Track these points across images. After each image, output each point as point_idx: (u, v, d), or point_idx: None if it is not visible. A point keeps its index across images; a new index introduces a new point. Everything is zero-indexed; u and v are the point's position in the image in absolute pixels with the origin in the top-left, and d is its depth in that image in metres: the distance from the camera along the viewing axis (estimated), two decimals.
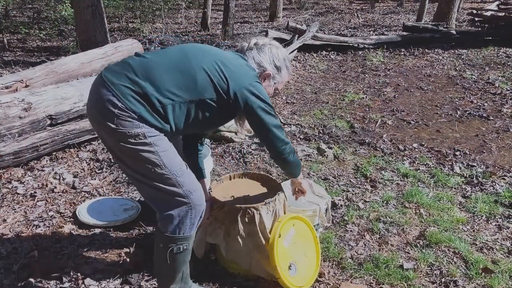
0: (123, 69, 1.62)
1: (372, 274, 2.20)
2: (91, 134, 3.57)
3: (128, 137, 1.56)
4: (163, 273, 1.88)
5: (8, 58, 7.00)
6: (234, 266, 2.14)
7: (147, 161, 1.60)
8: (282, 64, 1.87)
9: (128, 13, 11.22)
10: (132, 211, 2.68)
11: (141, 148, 1.58)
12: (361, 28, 10.33)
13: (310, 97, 5.24)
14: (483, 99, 5.11)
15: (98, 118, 1.61)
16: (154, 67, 1.62)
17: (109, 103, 1.55)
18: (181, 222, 1.72)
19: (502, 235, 2.57)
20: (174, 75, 1.62)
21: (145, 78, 1.59)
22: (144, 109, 1.57)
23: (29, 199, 2.85)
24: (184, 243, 1.77)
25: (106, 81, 1.59)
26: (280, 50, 1.89)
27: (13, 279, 2.10)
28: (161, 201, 1.70)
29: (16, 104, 3.13)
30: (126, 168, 1.68)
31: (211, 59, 1.69)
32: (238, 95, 1.68)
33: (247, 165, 3.41)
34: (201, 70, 1.65)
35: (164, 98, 1.59)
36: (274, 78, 1.87)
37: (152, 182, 1.65)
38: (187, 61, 1.66)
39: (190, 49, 1.73)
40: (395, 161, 3.54)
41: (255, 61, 1.82)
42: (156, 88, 1.59)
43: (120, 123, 1.55)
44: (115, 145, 1.63)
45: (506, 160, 3.59)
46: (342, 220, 2.68)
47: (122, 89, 1.57)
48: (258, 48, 1.84)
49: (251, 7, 15.21)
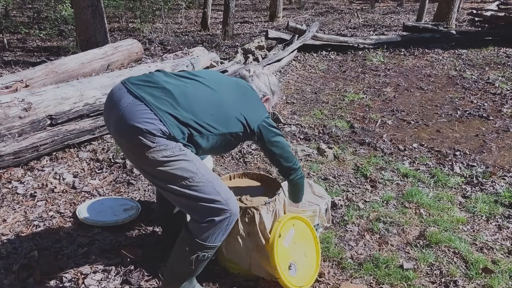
0: (164, 94, 1.68)
1: (372, 274, 2.20)
2: (91, 134, 3.58)
3: (164, 151, 1.61)
4: (177, 273, 1.88)
5: (8, 58, 7.01)
6: (234, 266, 2.14)
7: (184, 170, 1.64)
8: (276, 89, 2.13)
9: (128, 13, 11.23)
10: (132, 211, 2.68)
11: (177, 159, 1.63)
12: (361, 28, 10.34)
13: (310, 97, 5.24)
14: (483, 99, 5.11)
15: (132, 135, 1.60)
16: (196, 100, 1.72)
17: (153, 126, 1.59)
18: (217, 229, 1.72)
19: (502, 235, 2.57)
20: (212, 110, 1.74)
21: (187, 108, 1.68)
22: (182, 136, 1.66)
23: (29, 199, 2.85)
24: (210, 251, 1.79)
25: (148, 103, 1.62)
26: (272, 77, 2.17)
27: (13, 279, 2.10)
28: (201, 210, 1.70)
29: (16, 104, 3.13)
30: (158, 181, 1.70)
31: (237, 94, 1.87)
32: (260, 128, 1.87)
33: (247, 165, 3.41)
34: (233, 106, 1.81)
35: (204, 129, 1.71)
36: (270, 102, 2.13)
37: (191, 192, 1.67)
38: (219, 97, 1.80)
39: (220, 80, 1.92)
40: (395, 161, 3.54)
41: (257, 87, 2.05)
42: (196, 120, 1.69)
43: (158, 142, 1.60)
44: (146, 162, 1.64)
45: (506, 160, 3.59)
46: (342, 220, 2.68)
47: (169, 117, 1.63)
48: (256, 75, 2.09)
49: (251, 7, 15.21)
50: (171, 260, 1.88)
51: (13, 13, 10.35)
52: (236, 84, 1.95)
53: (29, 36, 8.73)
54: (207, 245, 1.74)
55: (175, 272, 1.89)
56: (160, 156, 1.60)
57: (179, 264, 1.84)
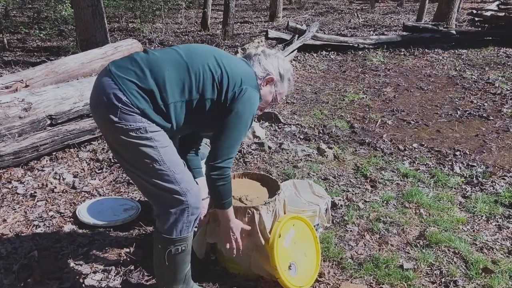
0: (130, 64, 1.63)
1: (372, 274, 2.20)
2: (91, 134, 3.58)
3: (129, 130, 1.57)
4: (163, 275, 1.87)
5: (8, 58, 7.01)
6: (234, 266, 2.14)
7: (146, 155, 1.61)
8: (285, 74, 1.89)
9: (128, 13, 11.23)
10: (132, 211, 2.68)
11: (141, 142, 1.59)
12: (361, 28, 10.34)
13: (310, 97, 5.24)
14: (483, 99, 5.11)
15: (101, 110, 1.61)
16: (161, 65, 1.63)
17: (113, 96, 1.56)
18: (177, 220, 1.71)
19: (502, 235, 2.57)
20: (179, 74, 1.64)
21: (151, 75, 1.60)
22: (148, 106, 1.59)
23: (29, 199, 2.85)
24: (183, 244, 1.77)
25: (112, 74, 1.60)
26: (286, 62, 1.93)
27: (13, 279, 2.10)
28: (158, 197, 1.70)
29: (16, 104, 3.13)
30: (124, 162, 1.69)
31: (216, 58, 1.72)
32: (235, 94, 1.70)
33: (247, 165, 3.41)
34: (205, 68, 1.67)
35: (168, 96, 1.61)
36: (276, 86, 1.89)
37: (150, 178, 1.65)
38: (192, 60, 1.68)
39: (196, 47, 1.76)
40: (395, 161, 3.54)
41: (261, 65, 1.84)
42: (161, 87, 1.60)
43: (122, 116, 1.56)
44: (114, 139, 1.64)
45: (506, 160, 3.59)
46: (342, 220, 2.68)
47: (128, 84, 1.58)
48: (265, 55, 1.88)
49: (251, 7, 15.22)
50: (154, 264, 1.88)
51: (13, 13, 10.35)
52: (226, 55, 1.79)
53: (29, 36, 8.73)
54: (174, 238, 1.73)
55: (160, 274, 1.89)
56: (124, 134, 1.58)
57: (159, 264, 1.83)
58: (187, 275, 1.89)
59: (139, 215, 2.65)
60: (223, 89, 1.69)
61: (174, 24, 11.18)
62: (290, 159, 3.50)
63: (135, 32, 9.63)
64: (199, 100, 1.67)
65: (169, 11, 11.52)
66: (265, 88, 1.87)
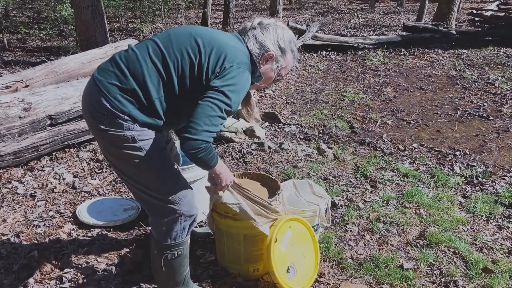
0: (111, 66, 1.57)
1: (372, 274, 2.20)
2: (91, 134, 3.57)
3: (118, 140, 1.53)
4: (162, 278, 1.87)
5: (8, 58, 7.00)
6: (234, 266, 2.14)
7: (136, 165, 1.57)
8: (287, 46, 1.70)
9: (128, 13, 11.22)
10: (132, 211, 2.68)
11: (131, 152, 1.55)
12: (361, 28, 10.34)
13: (310, 97, 5.24)
14: (483, 99, 5.11)
15: (90, 119, 1.59)
16: (139, 60, 1.55)
17: (97, 104, 1.53)
18: (171, 228, 1.70)
19: (502, 235, 2.57)
20: (157, 65, 1.54)
21: (130, 73, 1.53)
22: (133, 107, 1.53)
23: (29, 199, 2.85)
24: (178, 248, 1.75)
25: (95, 80, 1.56)
26: (286, 31, 1.73)
27: (13, 279, 2.10)
28: (151, 205, 1.69)
29: (16, 104, 3.13)
30: (116, 170, 1.68)
31: (197, 41, 1.58)
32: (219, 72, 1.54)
33: (247, 165, 3.41)
34: (183, 53, 1.55)
35: (151, 93, 1.53)
36: (277, 61, 1.71)
37: (142, 187, 1.63)
38: (169, 48, 1.56)
39: (177, 32, 1.63)
40: (395, 161, 3.54)
41: (257, 41, 1.67)
42: (141, 84, 1.53)
43: (110, 125, 1.52)
44: (105, 148, 1.61)
45: (506, 160, 3.59)
46: (342, 220, 2.68)
47: (110, 88, 1.52)
48: (262, 28, 1.69)
49: (251, 7, 15.21)
50: (152, 268, 1.88)
51: (13, 13, 10.35)
52: (210, 34, 1.63)
53: (29, 36, 8.72)
54: (169, 244, 1.72)
55: (158, 278, 1.89)
56: (114, 144, 1.55)
57: (157, 269, 1.83)
58: (186, 277, 1.88)
59: (139, 215, 2.65)
60: (203, 74, 1.55)
61: (174, 24, 11.17)
62: (290, 159, 3.50)
63: (135, 32, 9.62)
64: (182, 90, 1.57)
65: (169, 11, 11.51)
66: (265, 66, 1.70)
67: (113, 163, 1.66)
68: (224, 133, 3.78)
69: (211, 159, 1.60)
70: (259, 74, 1.71)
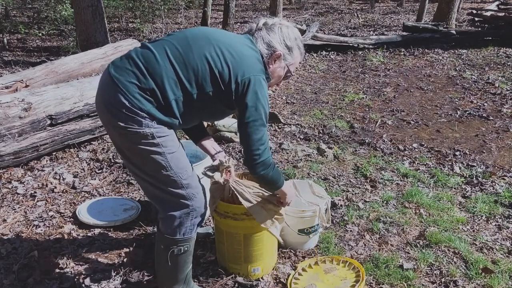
0: (129, 64, 1.60)
1: (372, 274, 2.20)
2: (91, 134, 3.58)
3: (136, 137, 1.57)
4: (165, 275, 1.88)
5: (8, 58, 7.00)
6: (234, 266, 2.15)
7: (154, 161, 1.61)
8: (293, 44, 1.76)
9: (128, 13, 11.21)
10: (132, 211, 2.68)
11: (149, 148, 1.59)
12: (361, 28, 10.33)
13: (310, 97, 5.24)
14: (483, 99, 5.11)
15: (107, 115, 1.61)
16: (156, 61, 1.58)
17: (116, 101, 1.55)
18: (182, 223, 1.73)
19: (502, 235, 2.57)
20: (175, 68, 1.58)
21: (149, 73, 1.57)
22: (151, 106, 1.57)
23: (29, 199, 2.85)
24: (185, 244, 1.78)
25: (113, 78, 1.58)
26: (291, 29, 1.78)
27: (13, 279, 2.10)
28: (164, 201, 1.71)
29: (16, 104, 3.13)
30: (132, 166, 1.69)
31: (215, 47, 1.63)
32: (239, 86, 1.61)
33: None
34: (203, 60, 1.60)
35: (168, 94, 1.58)
36: (285, 59, 1.77)
37: (157, 183, 1.66)
38: (189, 51, 1.61)
39: (194, 35, 1.67)
40: (395, 161, 3.54)
41: (264, 42, 1.72)
42: (159, 85, 1.57)
43: (129, 122, 1.55)
44: (123, 144, 1.64)
45: (506, 160, 3.59)
46: (342, 220, 2.68)
47: (129, 87, 1.55)
48: (267, 28, 1.75)
49: (251, 7, 15.21)
50: (156, 264, 1.89)
51: (13, 13, 10.35)
52: (227, 39, 1.69)
53: (29, 36, 8.72)
54: (177, 239, 1.74)
55: (161, 274, 1.90)
56: (132, 140, 1.58)
57: (162, 265, 1.84)
58: (188, 275, 1.90)
59: (139, 215, 2.65)
60: (224, 81, 1.61)
61: (174, 24, 11.17)
62: (290, 159, 3.50)
63: (135, 32, 9.62)
64: (200, 94, 1.62)
65: (169, 11, 11.51)
66: (274, 65, 1.76)
67: (129, 159, 1.68)
68: (224, 133, 3.77)
69: (277, 177, 1.80)
70: (268, 75, 1.77)
